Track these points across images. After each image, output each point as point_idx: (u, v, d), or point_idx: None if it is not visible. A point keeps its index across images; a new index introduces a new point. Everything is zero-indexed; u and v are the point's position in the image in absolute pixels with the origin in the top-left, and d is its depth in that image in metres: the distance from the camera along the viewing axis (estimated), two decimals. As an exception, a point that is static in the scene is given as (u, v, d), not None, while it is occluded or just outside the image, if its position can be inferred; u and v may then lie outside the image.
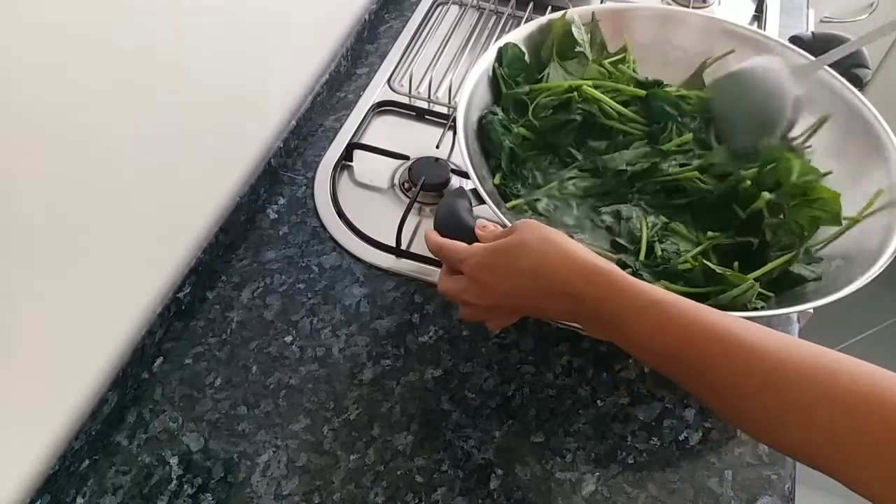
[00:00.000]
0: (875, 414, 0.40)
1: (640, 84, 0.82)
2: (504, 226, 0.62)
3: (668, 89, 0.80)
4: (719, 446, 0.66)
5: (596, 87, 0.79)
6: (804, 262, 0.68)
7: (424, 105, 0.94)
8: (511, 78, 0.80)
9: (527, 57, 0.81)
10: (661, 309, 0.49)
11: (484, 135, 0.75)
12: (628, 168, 0.73)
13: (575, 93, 0.78)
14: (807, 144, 0.78)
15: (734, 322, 0.47)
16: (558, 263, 0.52)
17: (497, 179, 0.73)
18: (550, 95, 0.78)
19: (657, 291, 0.50)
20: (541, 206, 0.72)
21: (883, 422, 0.39)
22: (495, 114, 0.76)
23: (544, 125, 0.76)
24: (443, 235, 0.62)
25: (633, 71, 0.83)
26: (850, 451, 0.41)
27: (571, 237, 0.55)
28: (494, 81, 0.80)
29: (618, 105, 0.78)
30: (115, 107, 0.56)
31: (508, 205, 0.71)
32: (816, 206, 0.69)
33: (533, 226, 0.55)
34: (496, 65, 0.79)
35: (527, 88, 0.79)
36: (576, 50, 0.82)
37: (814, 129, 0.78)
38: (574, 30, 0.82)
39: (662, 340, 0.48)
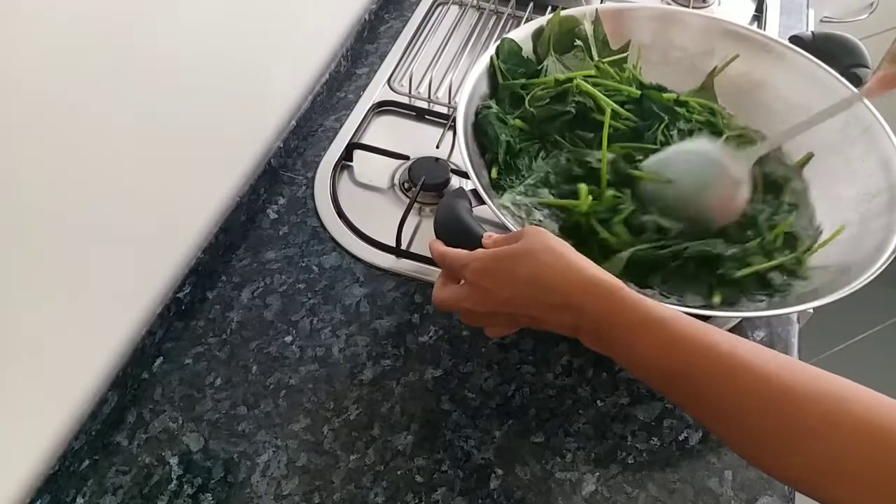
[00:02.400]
0: (882, 445, 0.39)
1: (642, 86, 0.82)
2: (508, 231, 0.62)
3: (668, 94, 0.80)
4: (719, 446, 0.66)
5: (595, 84, 0.79)
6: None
7: (424, 105, 0.94)
8: (509, 73, 0.80)
9: (524, 52, 0.81)
10: (664, 326, 0.48)
11: (480, 129, 0.75)
12: (598, 164, 0.72)
13: (573, 84, 0.78)
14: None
15: (739, 342, 0.46)
16: (560, 274, 0.51)
17: (494, 173, 0.73)
18: (547, 88, 0.78)
19: (660, 308, 0.49)
20: (519, 197, 0.71)
21: (890, 453, 0.39)
22: (490, 107, 0.76)
23: (540, 114, 0.76)
24: (442, 236, 0.62)
25: (638, 72, 0.83)
26: (854, 482, 0.40)
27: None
28: (493, 75, 0.80)
29: (610, 101, 0.78)
30: (114, 106, 0.56)
31: (498, 201, 0.69)
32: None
33: (539, 234, 0.54)
34: (494, 57, 0.79)
35: (522, 81, 0.79)
36: (575, 44, 0.83)
37: (802, 163, 0.78)
38: (587, 24, 0.83)
39: (664, 358, 0.47)
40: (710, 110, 0.82)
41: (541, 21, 0.83)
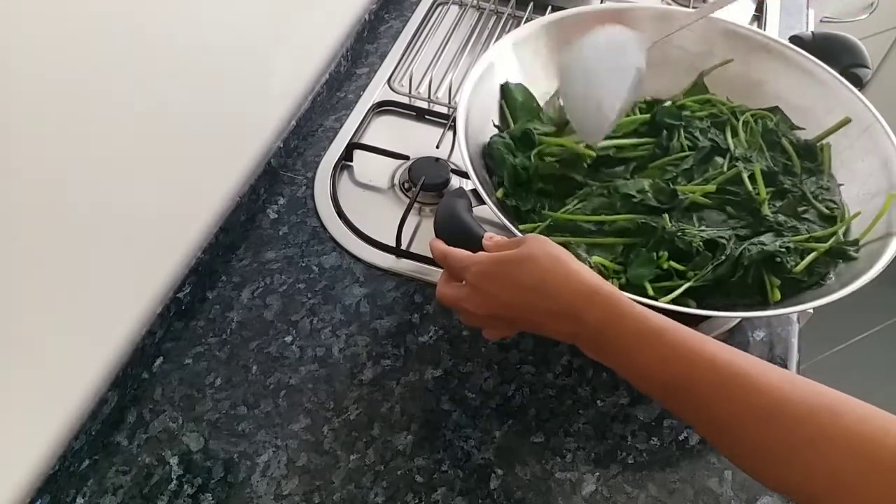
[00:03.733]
0: (879, 460, 0.39)
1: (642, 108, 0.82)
2: (509, 231, 0.62)
3: (665, 104, 0.81)
4: (719, 446, 0.66)
5: None
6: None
7: (424, 105, 0.94)
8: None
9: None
10: (663, 337, 0.48)
11: (486, 153, 0.74)
12: (638, 195, 0.71)
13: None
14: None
15: (737, 354, 0.46)
16: (561, 282, 0.51)
17: (500, 194, 0.72)
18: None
19: (659, 318, 0.49)
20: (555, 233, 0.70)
21: (887, 464, 0.39)
22: (503, 137, 0.75)
23: (558, 171, 0.75)
24: (442, 236, 0.62)
25: None
26: (854, 492, 0.40)
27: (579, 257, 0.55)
28: (502, 114, 0.79)
29: (628, 141, 0.77)
30: (115, 107, 0.56)
31: (521, 227, 0.69)
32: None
33: (541, 241, 0.54)
34: (503, 102, 0.79)
35: (529, 125, 0.77)
36: None
37: (831, 131, 0.78)
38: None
39: (662, 369, 0.48)
40: (708, 102, 0.82)
41: (541, 21, 0.83)
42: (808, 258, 0.66)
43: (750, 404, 0.44)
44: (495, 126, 0.78)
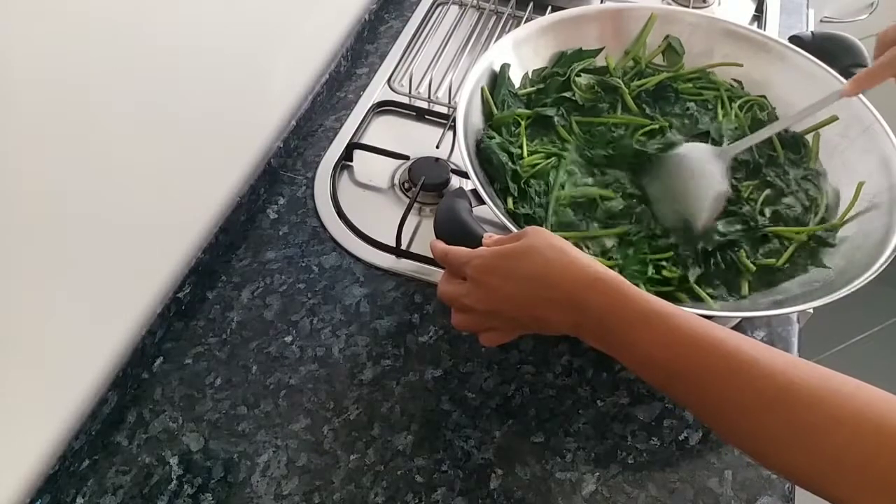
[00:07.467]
0: (885, 443, 0.39)
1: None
2: (509, 231, 0.62)
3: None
4: (719, 446, 0.66)
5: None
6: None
7: (424, 105, 0.94)
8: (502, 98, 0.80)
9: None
10: (667, 321, 0.48)
11: (484, 158, 0.74)
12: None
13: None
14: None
15: (742, 339, 0.46)
16: (563, 270, 0.51)
17: (510, 204, 0.71)
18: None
19: (662, 303, 0.49)
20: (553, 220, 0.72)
21: (892, 445, 0.39)
22: (492, 137, 0.75)
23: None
24: (442, 236, 0.62)
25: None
26: (856, 480, 0.40)
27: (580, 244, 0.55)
28: (486, 104, 0.79)
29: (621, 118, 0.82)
30: (115, 107, 0.56)
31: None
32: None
33: (541, 233, 0.55)
34: (486, 89, 0.79)
35: (515, 110, 0.79)
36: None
37: (819, 126, 0.78)
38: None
39: (667, 354, 0.47)
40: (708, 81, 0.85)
41: (540, 22, 0.83)
42: (789, 251, 0.68)
43: (756, 390, 0.44)
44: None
